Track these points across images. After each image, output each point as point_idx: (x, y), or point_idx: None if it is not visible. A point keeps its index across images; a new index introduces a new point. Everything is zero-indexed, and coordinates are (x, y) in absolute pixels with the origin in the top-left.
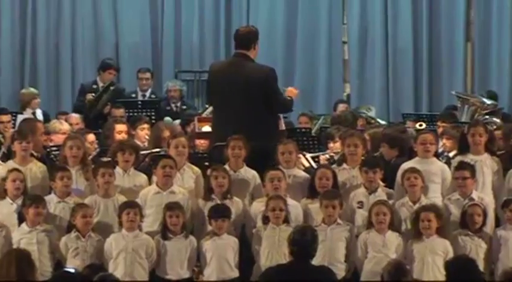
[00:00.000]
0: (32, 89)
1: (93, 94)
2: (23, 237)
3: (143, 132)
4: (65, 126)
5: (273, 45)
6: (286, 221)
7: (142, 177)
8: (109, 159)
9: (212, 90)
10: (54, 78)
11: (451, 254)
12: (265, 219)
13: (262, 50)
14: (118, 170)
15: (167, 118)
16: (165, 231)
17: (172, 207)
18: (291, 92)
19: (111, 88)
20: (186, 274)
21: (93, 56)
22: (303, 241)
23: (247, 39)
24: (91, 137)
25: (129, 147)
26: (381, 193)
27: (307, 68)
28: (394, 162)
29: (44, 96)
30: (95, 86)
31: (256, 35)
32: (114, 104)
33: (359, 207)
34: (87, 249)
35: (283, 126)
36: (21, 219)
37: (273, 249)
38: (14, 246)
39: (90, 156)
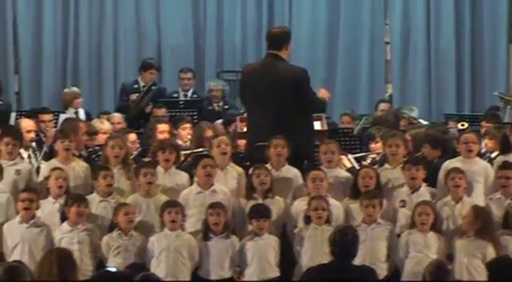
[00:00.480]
0: (74, 89)
1: (137, 94)
2: (64, 236)
3: (185, 132)
4: (106, 126)
5: (315, 45)
6: (328, 221)
7: (184, 176)
8: (149, 159)
9: (245, 91)
10: (96, 78)
11: (492, 255)
12: (307, 219)
13: (304, 50)
14: (159, 169)
15: None
16: (206, 231)
17: (214, 206)
18: (323, 93)
19: (153, 88)
20: (227, 274)
21: (135, 56)
22: (344, 241)
23: (279, 39)
24: (132, 136)
25: (169, 146)
26: (424, 192)
27: (350, 68)
28: (436, 162)
29: (86, 96)
30: (136, 86)
31: (289, 36)
32: (156, 103)
33: (402, 206)
34: (129, 248)
35: (325, 126)
36: (63, 218)
37: (314, 249)
38: (56, 246)
39: (132, 156)
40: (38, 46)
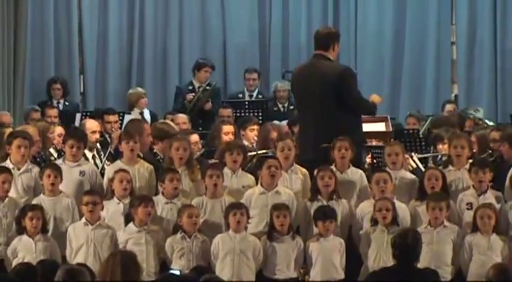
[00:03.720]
0: (140, 89)
1: (193, 94)
2: (131, 237)
3: (252, 133)
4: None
5: (381, 45)
6: (396, 222)
7: (250, 178)
8: (216, 160)
9: (294, 92)
10: (162, 78)
11: None
12: (374, 221)
13: (370, 51)
14: (226, 170)
15: None
16: (271, 232)
17: (279, 207)
18: (374, 98)
19: (208, 88)
20: (293, 274)
21: (200, 55)
22: (404, 245)
23: (326, 40)
24: (195, 137)
25: (236, 148)
26: (490, 195)
27: (415, 68)
28: None
29: (151, 97)
30: (190, 87)
31: (337, 36)
32: (215, 102)
33: (468, 209)
34: (193, 250)
35: (390, 128)
36: (128, 220)
37: (381, 251)
38: (120, 246)
39: (195, 157)
40: (103, 47)
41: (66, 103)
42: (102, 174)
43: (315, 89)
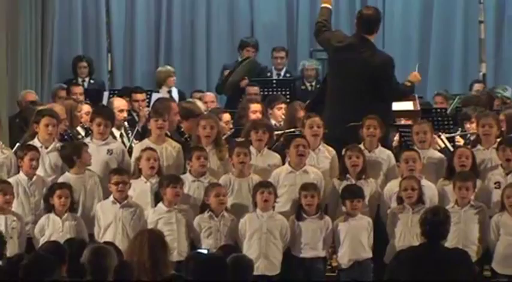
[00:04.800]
0: (169, 67)
1: (228, 70)
2: (161, 217)
3: (280, 112)
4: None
5: (408, 25)
6: (421, 201)
7: (276, 157)
8: (242, 139)
9: (329, 63)
10: (189, 57)
11: None
12: (399, 200)
13: (397, 30)
14: (252, 149)
15: None
16: (300, 212)
17: (307, 187)
18: (414, 76)
19: (246, 61)
20: (321, 254)
21: (228, 34)
22: (435, 221)
23: (371, 23)
24: (226, 116)
25: (262, 126)
26: None
27: (443, 47)
28: None
29: (179, 76)
30: (235, 65)
31: (379, 20)
32: (250, 80)
33: (496, 188)
34: (220, 229)
35: (418, 106)
36: (157, 199)
37: (406, 230)
38: (150, 226)
39: (225, 136)
40: (130, 25)
41: (92, 81)
42: (130, 153)
43: (352, 71)
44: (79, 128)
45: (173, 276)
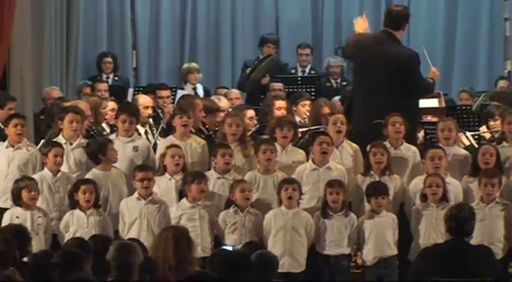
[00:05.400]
0: (194, 64)
1: (251, 68)
2: (184, 213)
3: (304, 109)
4: (223, 104)
5: (434, 22)
6: (445, 199)
7: (300, 153)
8: (267, 136)
9: (354, 61)
10: (214, 54)
11: None
12: (424, 197)
13: (422, 27)
14: (276, 146)
15: None
16: (325, 209)
17: (332, 184)
18: (433, 73)
19: (267, 59)
20: (346, 251)
21: (253, 31)
22: (460, 217)
23: (398, 19)
24: (250, 112)
25: (287, 123)
26: None
27: (468, 44)
28: None
29: (204, 73)
30: (256, 62)
31: (407, 17)
32: (273, 78)
33: None
34: (246, 225)
35: (443, 104)
36: (181, 195)
37: (430, 227)
38: (173, 223)
39: (249, 133)
40: (155, 21)
41: (116, 78)
42: (155, 150)
43: (377, 67)
44: (104, 125)
45: (198, 273)
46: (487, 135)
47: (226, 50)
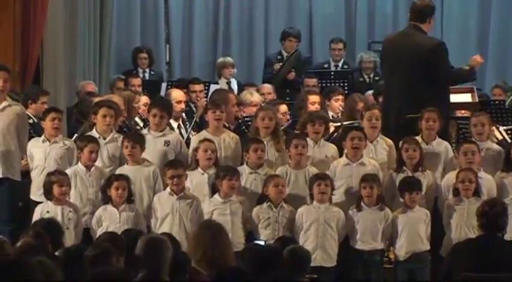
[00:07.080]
0: (228, 58)
1: (281, 64)
2: (216, 208)
3: (337, 104)
4: (256, 98)
5: (467, 16)
6: (477, 194)
7: (333, 148)
8: (299, 131)
9: (383, 60)
10: (247, 49)
11: None
12: (456, 192)
13: (456, 22)
14: (308, 141)
15: None
16: (360, 203)
17: (367, 179)
18: (474, 60)
19: (294, 54)
20: (379, 246)
21: (286, 26)
22: (493, 213)
23: (423, 12)
24: (283, 107)
25: (318, 118)
26: None
27: (502, 39)
28: None
29: (237, 67)
30: (279, 57)
31: (433, 10)
32: (298, 71)
33: None
34: (279, 220)
35: (476, 98)
36: (213, 191)
37: (462, 222)
38: (205, 217)
39: (282, 127)
40: (189, 16)
41: (152, 72)
42: (188, 144)
43: (405, 59)
44: (137, 119)
45: (234, 268)
46: None
47: (259, 45)
